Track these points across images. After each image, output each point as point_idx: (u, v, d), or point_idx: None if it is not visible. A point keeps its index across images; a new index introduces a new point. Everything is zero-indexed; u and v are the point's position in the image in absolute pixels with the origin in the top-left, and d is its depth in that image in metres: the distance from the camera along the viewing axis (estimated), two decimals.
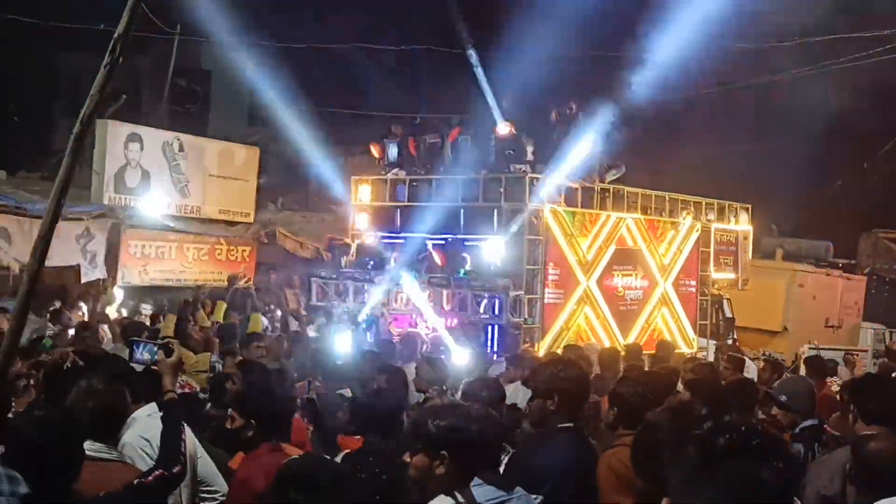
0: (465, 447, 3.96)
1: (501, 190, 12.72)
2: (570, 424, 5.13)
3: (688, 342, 14.84)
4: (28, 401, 6.38)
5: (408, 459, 3.91)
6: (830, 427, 5.98)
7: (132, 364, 5.09)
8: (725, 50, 16.49)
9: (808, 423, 6.19)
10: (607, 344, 13.22)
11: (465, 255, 12.77)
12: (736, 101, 22.14)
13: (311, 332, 12.62)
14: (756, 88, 20.04)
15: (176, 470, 4.40)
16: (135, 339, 5.45)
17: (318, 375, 8.72)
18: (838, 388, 9.52)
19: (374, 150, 14.40)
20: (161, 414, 4.78)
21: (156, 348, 4.96)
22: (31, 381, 7.23)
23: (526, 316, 12.34)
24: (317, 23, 18.50)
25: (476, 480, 4.35)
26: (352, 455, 5.09)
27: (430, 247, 13.14)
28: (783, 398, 6.46)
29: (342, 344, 10.84)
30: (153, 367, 4.99)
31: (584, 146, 13.54)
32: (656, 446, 3.50)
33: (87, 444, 4.11)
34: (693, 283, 15.26)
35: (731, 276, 16.37)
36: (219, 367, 8.62)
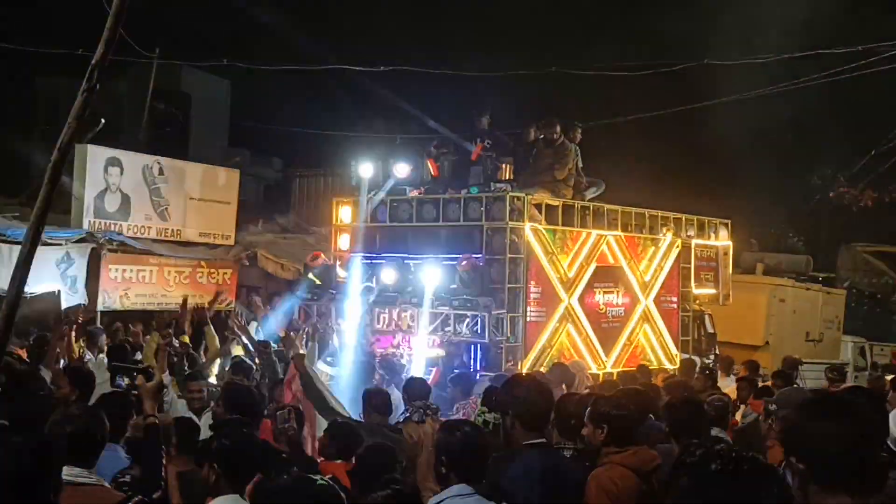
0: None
1: (482, 209, 12.73)
2: (539, 441, 5.15)
3: (670, 358, 14.88)
4: None
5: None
6: None
7: (112, 388, 5.07)
8: (704, 66, 16.62)
9: None
10: (591, 362, 13.27)
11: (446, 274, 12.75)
12: (714, 116, 22.32)
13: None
14: (733, 104, 20.19)
15: (156, 495, 4.39)
16: (117, 364, 5.42)
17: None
18: None
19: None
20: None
21: (135, 373, 4.95)
22: None
23: (508, 334, 12.33)
24: (296, 43, 18.52)
25: (466, 488, 4.39)
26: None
27: (412, 267, 13.13)
28: (772, 407, 6.47)
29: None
30: (133, 391, 4.97)
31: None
32: None
33: (66, 470, 4.08)
34: (674, 299, 15.32)
35: (712, 291, 16.43)
36: None
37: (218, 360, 10.76)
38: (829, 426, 2.65)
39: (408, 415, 7.88)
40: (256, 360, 9.80)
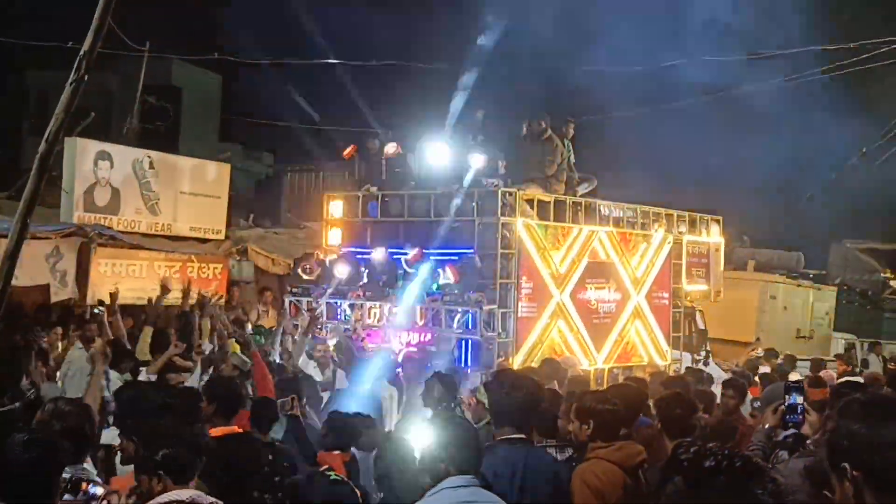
0: None
1: (474, 204, 12.71)
2: (515, 436, 5.10)
3: (661, 354, 14.88)
4: None
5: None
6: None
7: None
8: (696, 60, 16.62)
9: (792, 431, 6.02)
10: (582, 358, 13.27)
11: (437, 269, 12.71)
12: (707, 111, 22.31)
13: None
14: (727, 99, 20.19)
15: None
16: None
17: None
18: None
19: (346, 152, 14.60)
20: None
21: None
22: None
23: (500, 330, 12.31)
24: (285, 37, 18.51)
25: (465, 479, 4.35)
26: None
27: (404, 262, 13.09)
28: (756, 405, 6.44)
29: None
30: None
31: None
32: None
33: None
34: (666, 295, 15.30)
35: (704, 287, 16.43)
36: None
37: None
38: (891, 430, 2.56)
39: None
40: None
